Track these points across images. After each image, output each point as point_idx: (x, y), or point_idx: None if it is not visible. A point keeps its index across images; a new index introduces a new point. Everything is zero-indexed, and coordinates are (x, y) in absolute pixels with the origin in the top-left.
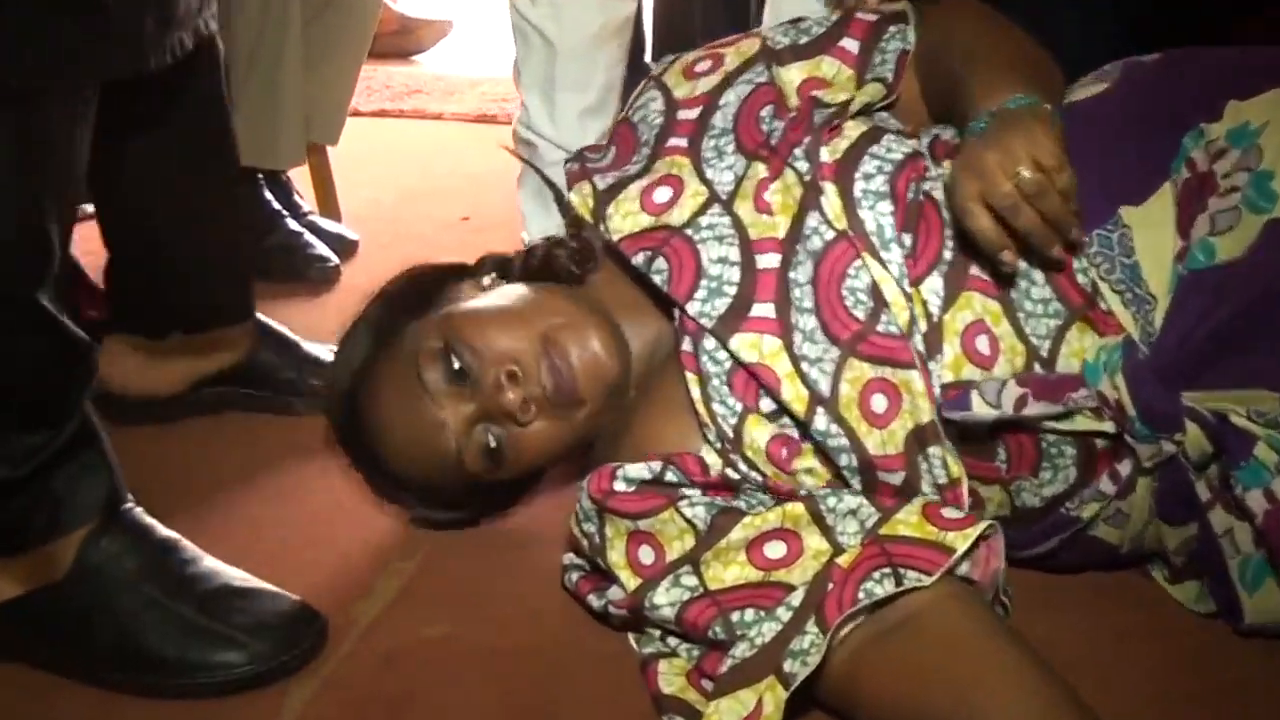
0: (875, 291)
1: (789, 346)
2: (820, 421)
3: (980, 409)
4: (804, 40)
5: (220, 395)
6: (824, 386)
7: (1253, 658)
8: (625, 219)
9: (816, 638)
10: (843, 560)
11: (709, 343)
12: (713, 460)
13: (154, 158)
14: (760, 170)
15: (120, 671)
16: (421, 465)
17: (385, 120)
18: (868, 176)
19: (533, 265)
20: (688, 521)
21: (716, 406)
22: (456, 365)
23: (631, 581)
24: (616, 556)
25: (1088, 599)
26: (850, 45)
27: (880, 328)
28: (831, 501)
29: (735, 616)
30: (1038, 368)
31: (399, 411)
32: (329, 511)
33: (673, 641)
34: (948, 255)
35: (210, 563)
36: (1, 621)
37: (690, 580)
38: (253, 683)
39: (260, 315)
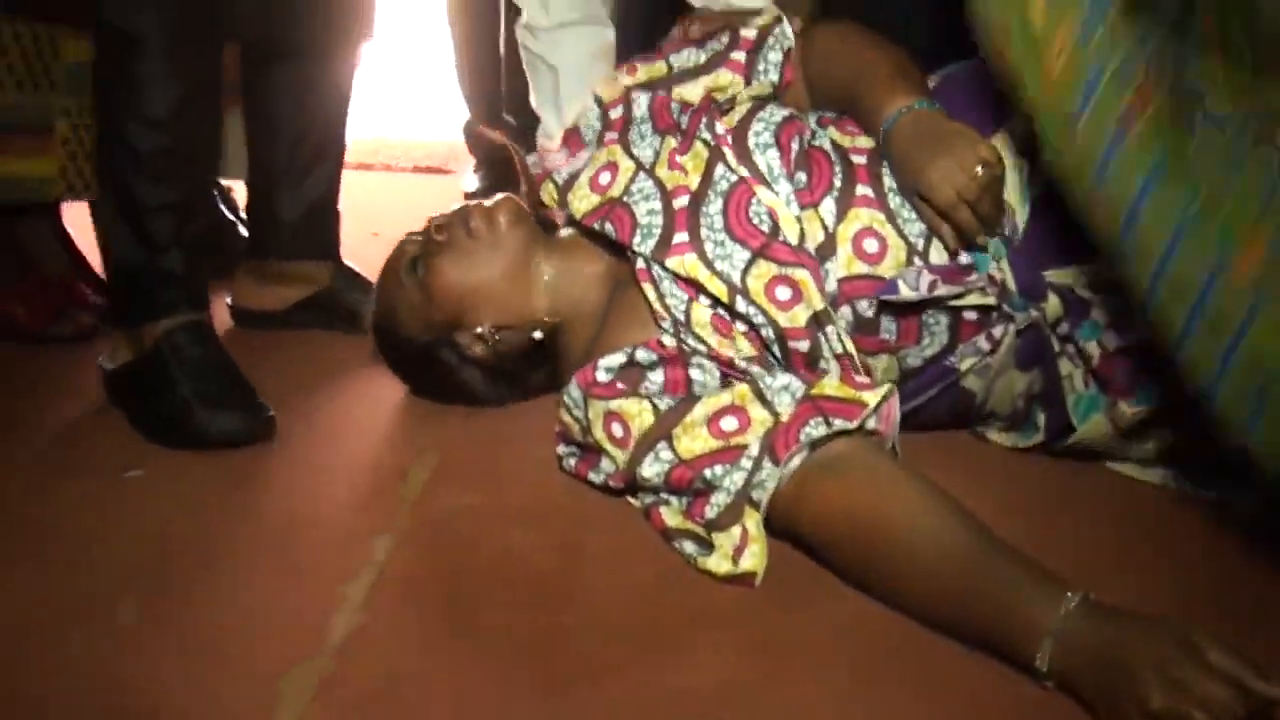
0: (772, 215)
1: (702, 256)
2: (741, 304)
3: (906, 291)
4: (702, 60)
5: (308, 318)
6: (735, 278)
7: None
8: (581, 201)
9: (770, 470)
10: (784, 418)
11: (660, 265)
12: (669, 342)
13: (275, 131)
14: (672, 142)
15: (156, 425)
16: (392, 316)
17: None
18: (757, 133)
19: None
20: (650, 403)
21: (669, 300)
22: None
23: (617, 453)
24: (599, 433)
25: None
26: (738, 57)
27: (780, 239)
28: (769, 380)
29: (708, 473)
30: (916, 260)
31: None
32: (374, 416)
33: (665, 494)
34: (837, 185)
35: (228, 371)
36: (119, 378)
37: (667, 454)
38: (224, 440)
39: (345, 260)
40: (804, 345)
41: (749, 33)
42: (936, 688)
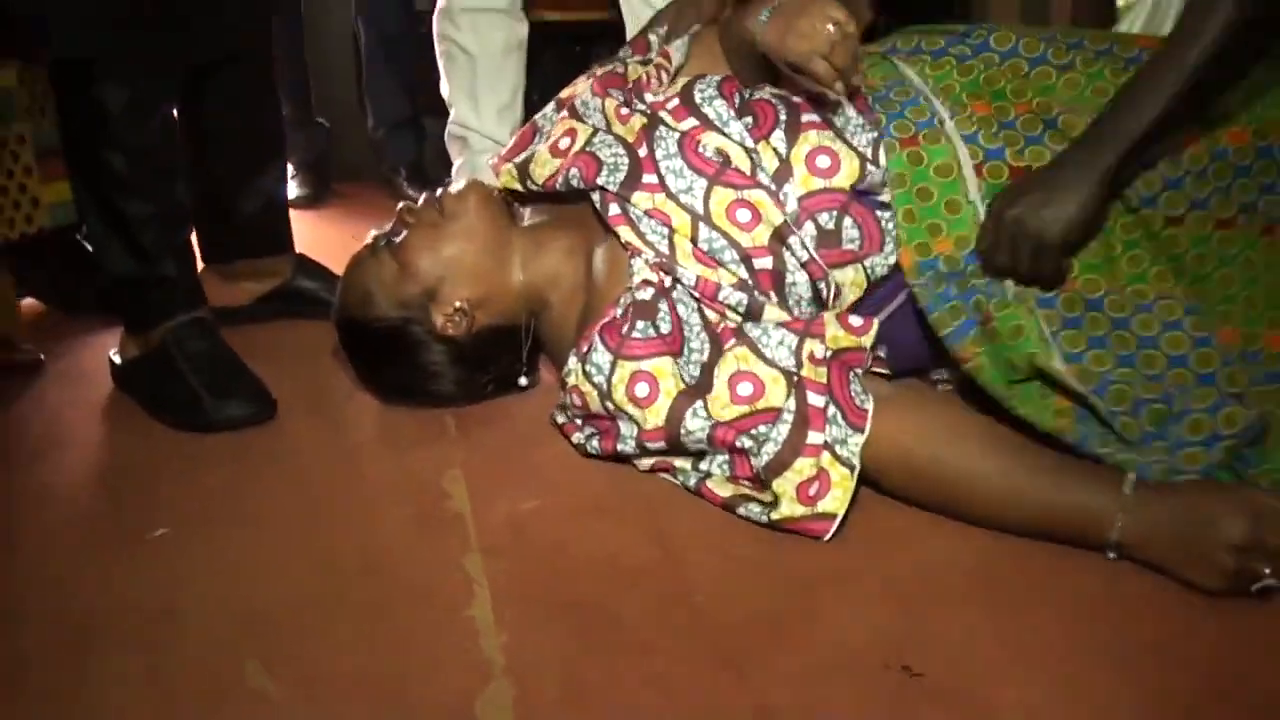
0: (721, 152)
1: (668, 191)
2: (704, 233)
3: (875, 177)
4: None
5: (273, 309)
6: (699, 207)
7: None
8: (543, 168)
9: (850, 431)
10: (810, 374)
11: (629, 203)
12: (653, 276)
13: (224, 138)
14: (614, 102)
15: (169, 414)
16: (364, 297)
17: None
18: (702, 89)
19: None
20: (677, 370)
21: (649, 235)
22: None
23: (639, 413)
24: (620, 395)
25: None
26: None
27: (732, 167)
28: (763, 339)
29: (753, 432)
30: (870, 168)
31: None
32: (364, 434)
33: (704, 465)
34: (783, 118)
35: (231, 362)
36: (128, 370)
37: (704, 413)
38: (231, 425)
39: (300, 251)
40: (768, 262)
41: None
42: (1061, 602)
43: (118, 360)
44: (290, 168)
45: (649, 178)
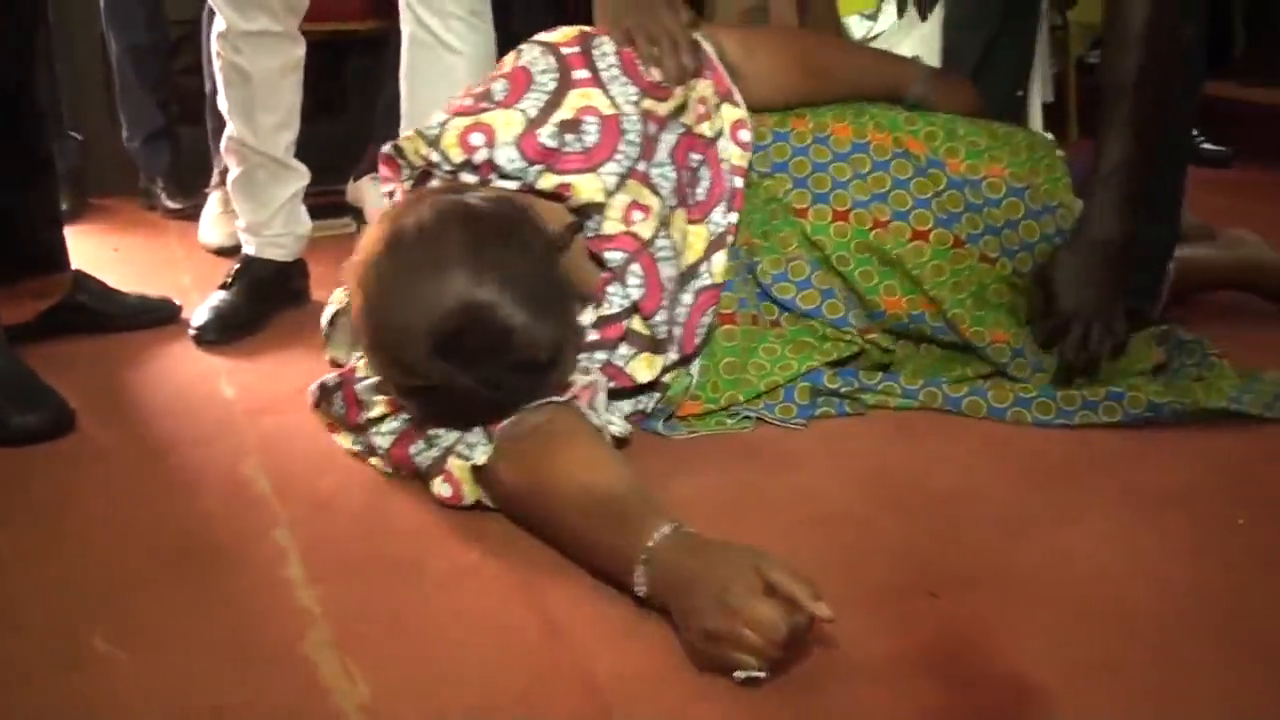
0: None
1: None
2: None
3: None
4: None
5: (56, 323)
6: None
7: None
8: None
9: (483, 439)
10: None
11: None
12: None
13: None
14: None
15: None
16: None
17: None
18: None
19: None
20: None
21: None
22: None
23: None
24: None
25: None
26: None
27: None
28: None
29: (430, 432)
30: None
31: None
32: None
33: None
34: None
35: (27, 377)
36: None
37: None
38: (34, 437)
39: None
40: None
41: None
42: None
43: None
44: None
45: None
